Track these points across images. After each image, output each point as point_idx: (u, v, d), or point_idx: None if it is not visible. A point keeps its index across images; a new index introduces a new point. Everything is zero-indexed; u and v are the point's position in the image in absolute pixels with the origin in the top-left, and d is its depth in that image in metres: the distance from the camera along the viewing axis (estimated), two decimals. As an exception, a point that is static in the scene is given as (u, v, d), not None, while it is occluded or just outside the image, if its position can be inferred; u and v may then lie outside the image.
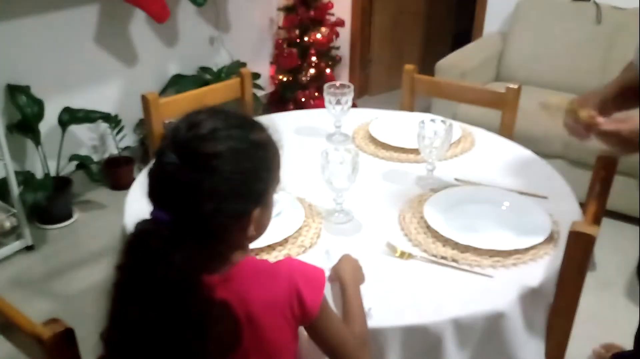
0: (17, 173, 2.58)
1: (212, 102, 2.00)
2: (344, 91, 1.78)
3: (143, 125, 3.20)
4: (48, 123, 2.80)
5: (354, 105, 1.93)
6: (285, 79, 3.86)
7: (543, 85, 3.21)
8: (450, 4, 4.78)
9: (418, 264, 1.28)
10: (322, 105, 1.86)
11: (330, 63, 3.91)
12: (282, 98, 3.91)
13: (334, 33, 3.85)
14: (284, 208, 1.42)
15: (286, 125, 1.95)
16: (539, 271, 1.25)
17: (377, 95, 4.50)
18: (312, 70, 3.81)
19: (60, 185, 2.83)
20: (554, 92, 3.11)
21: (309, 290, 0.93)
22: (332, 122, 1.87)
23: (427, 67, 3.43)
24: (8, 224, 2.60)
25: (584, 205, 1.45)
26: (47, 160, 2.81)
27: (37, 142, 2.73)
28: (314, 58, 3.80)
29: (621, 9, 3.15)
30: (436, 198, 1.48)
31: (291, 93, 3.85)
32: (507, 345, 1.19)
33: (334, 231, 1.40)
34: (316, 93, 3.81)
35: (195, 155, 0.86)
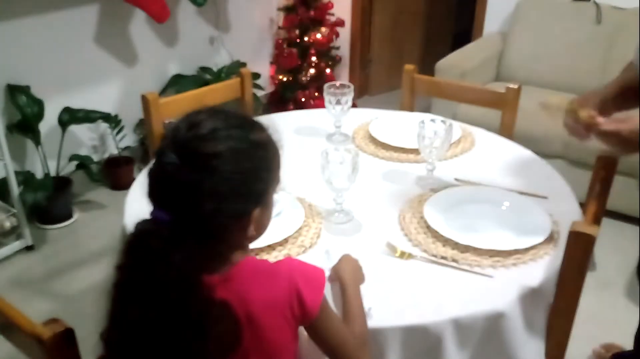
0: (17, 173, 2.58)
1: (212, 102, 2.00)
2: (344, 91, 1.78)
3: (143, 125, 3.20)
4: (48, 123, 2.80)
5: (354, 105, 1.93)
6: (285, 79, 3.86)
7: (543, 85, 3.21)
8: (450, 4, 4.78)
9: (418, 264, 1.28)
10: (322, 105, 1.86)
11: (330, 63, 3.91)
12: (282, 98, 3.91)
13: (334, 33, 3.85)
14: (284, 208, 1.42)
15: (286, 125, 1.95)
16: (539, 271, 1.25)
17: (377, 95, 4.50)
18: (312, 70, 3.81)
19: (60, 185, 2.83)
20: (554, 92, 3.11)
21: (309, 290, 0.93)
22: (332, 122, 1.87)
23: (427, 67, 3.43)
24: (8, 224, 2.60)
25: (584, 205, 1.45)
26: (47, 160, 2.81)
27: (37, 142, 2.73)
28: (314, 58, 3.80)
29: (621, 9, 3.15)
30: (436, 198, 1.48)
31: (291, 93, 3.85)
32: (507, 345, 1.19)
33: (334, 231, 1.40)
34: (316, 93, 3.81)
35: (195, 155, 0.86)
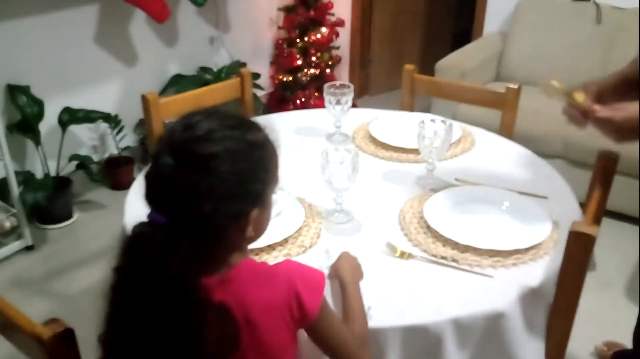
0: (17, 173, 2.58)
1: (212, 102, 2.02)
2: (344, 91, 1.78)
3: (143, 125, 3.20)
4: (48, 123, 2.80)
5: (354, 105, 1.93)
6: (285, 79, 3.86)
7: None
8: (450, 4, 4.78)
9: (418, 264, 1.28)
10: (322, 105, 1.86)
11: (330, 63, 3.91)
12: (282, 98, 3.91)
13: (334, 33, 3.85)
14: (284, 208, 1.42)
15: (286, 125, 1.95)
16: (539, 271, 1.25)
17: (377, 95, 4.50)
18: (312, 70, 3.81)
19: (60, 185, 2.83)
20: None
21: (308, 292, 0.93)
22: (332, 122, 1.87)
23: (427, 67, 3.43)
24: (8, 224, 2.60)
25: (584, 205, 1.45)
26: (47, 160, 2.81)
27: (37, 142, 2.73)
28: (314, 58, 3.80)
29: (621, 9, 3.15)
30: (436, 198, 1.48)
31: (291, 93, 3.85)
32: (507, 345, 1.19)
33: (334, 231, 1.40)
34: (316, 93, 3.81)
35: (191, 157, 0.86)
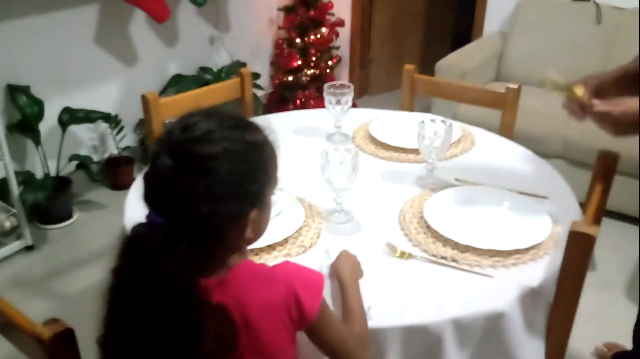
0: (17, 173, 2.58)
1: (212, 102, 2.02)
2: (344, 91, 1.78)
3: (143, 125, 3.20)
4: (48, 123, 2.80)
5: (354, 105, 1.93)
6: (285, 79, 3.86)
7: (543, 87, 3.20)
8: (450, 4, 4.79)
9: (418, 264, 1.28)
10: (322, 105, 1.86)
11: (330, 63, 3.91)
12: (282, 98, 3.91)
13: (334, 33, 3.85)
14: (284, 208, 1.42)
15: (286, 125, 1.95)
16: (539, 271, 1.25)
17: (377, 95, 4.50)
18: (312, 70, 3.81)
19: (60, 185, 2.83)
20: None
21: (306, 293, 0.93)
22: (332, 122, 1.87)
23: (427, 67, 3.43)
24: (8, 224, 2.60)
25: (584, 205, 1.45)
26: (47, 160, 2.81)
27: (37, 142, 2.73)
28: (313, 58, 3.80)
29: (621, 9, 3.15)
30: (436, 198, 1.48)
31: (291, 93, 3.85)
32: (507, 345, 1.19)
33: (334, 231, 1.40)
34: (316, 93, 3.81)
35: (190, 157, 0.85)
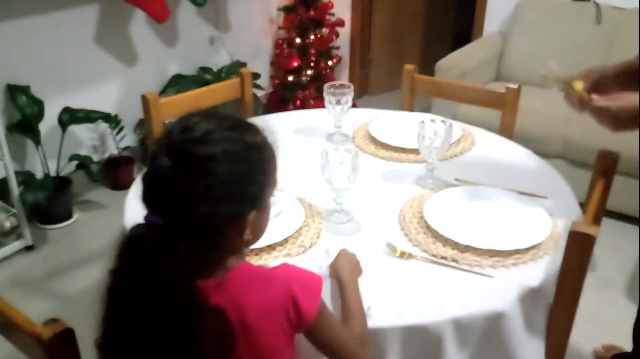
0: (17, 173, 2.58)
1: (212, 102, 2.02)
2: (344, 91, 1.78)
3: (143, 125, 3.20)
4: (48, 123, 2.80)
5: (354, 105, 1.93)
6: (285, 79, 3.86)
7: (543, 85, 3.20)
8: (450, 4, 4.79)
9: (418, 264, 1.28)
10: (322, 105, 1.86)
11: (330, 63, 3.91)
12: (282, 98, 3.91)
13: (334, 33, 3.85)
14: (284, 208, 1.42)
15: (286, 125, 1.95)
16: (539, 271, 1.25)
17: (377, 95, 4.50)
18: (312, 70, 3.81)
19: (60, 185, 2.83)
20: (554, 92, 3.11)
21: (305, 295, 0.93)
22: (332, 122, 1.87)
23: (427, 67, 3.43)
24: (8, 224, 2.60)
25: (584, 205, 1.45)
26: (47, 160, 2.81)
27: (37, 142, 2.73)
28: (314, 58, 3.80)
29: (621, 9, 3.15)
30: (436, 198, 1.48)
31: (291, 93, 3.85)
32: (507, 345, 1.19)
33: (334, 231, 1.40)
34: (316, 94, 3.81)
35: (189, 158, 0.85)
